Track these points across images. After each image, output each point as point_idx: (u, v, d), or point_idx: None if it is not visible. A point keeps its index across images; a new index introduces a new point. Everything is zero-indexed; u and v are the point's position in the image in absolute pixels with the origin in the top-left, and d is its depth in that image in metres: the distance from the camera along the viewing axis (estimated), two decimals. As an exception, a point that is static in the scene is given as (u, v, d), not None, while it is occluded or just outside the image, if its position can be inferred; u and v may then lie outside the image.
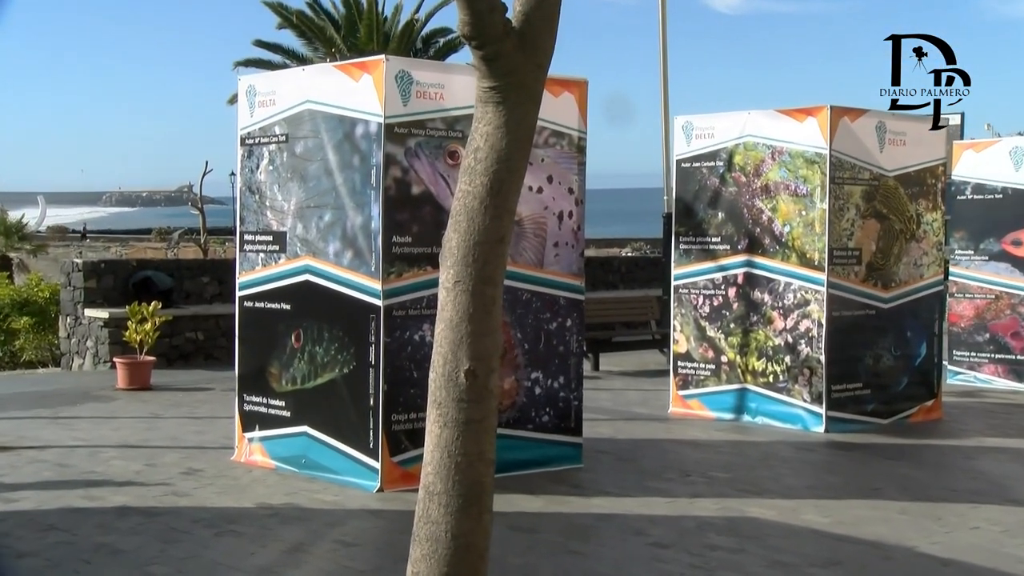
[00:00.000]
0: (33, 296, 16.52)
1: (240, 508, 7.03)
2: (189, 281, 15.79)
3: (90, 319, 14.57)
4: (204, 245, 28.88)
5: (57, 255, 33.25)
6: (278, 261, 8.21)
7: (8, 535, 6.34)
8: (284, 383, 8.13)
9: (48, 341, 15.99)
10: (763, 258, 10.47)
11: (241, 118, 8.56)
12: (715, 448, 9.44)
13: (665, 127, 16.44)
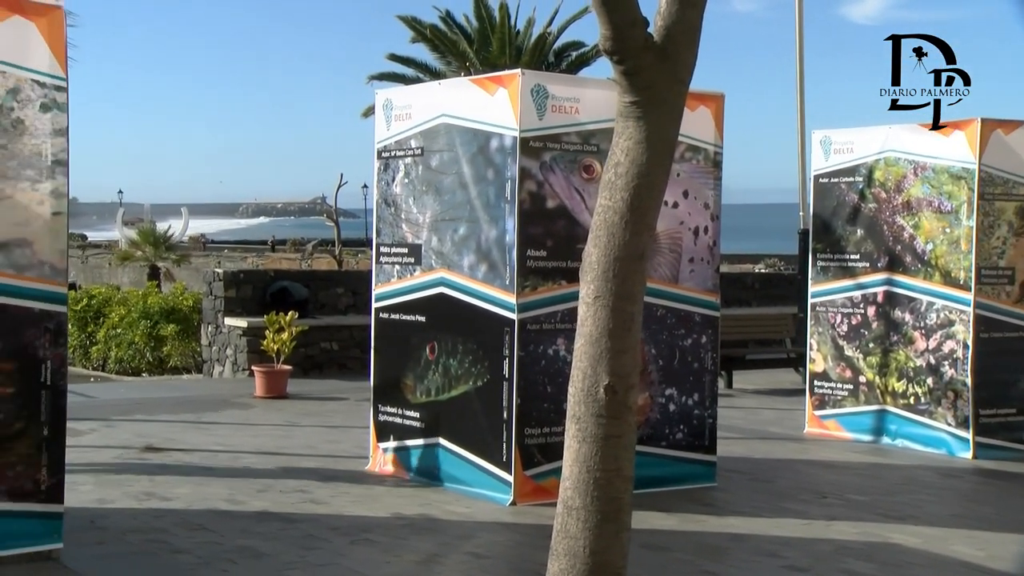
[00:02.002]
0: (178, 304, 17.07)
1: (374, 517, 7.13)
2: (323, 292, 16.10)
3: (230, 328, 14.98)
4: (338, 257, 29.44)
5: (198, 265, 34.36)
6: (413, 273, 8.31)
7: (165, 531, 6.58)
8: (418, 394, 8.23)
9: (191, 348, 16.51)
10: (904, 276, 10.19)
11: (378, 131, 8.70)
12: (853, 470, 9.21)
13: (801, 142, 16.17)
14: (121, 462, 8.59)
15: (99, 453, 8.85)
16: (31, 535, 5.88)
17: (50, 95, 5.92)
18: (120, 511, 7.06)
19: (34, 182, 5.90)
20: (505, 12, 31.33)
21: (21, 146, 5.85)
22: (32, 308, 5.91)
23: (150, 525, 6.72)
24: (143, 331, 16.88)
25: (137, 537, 6.46)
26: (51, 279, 5.98)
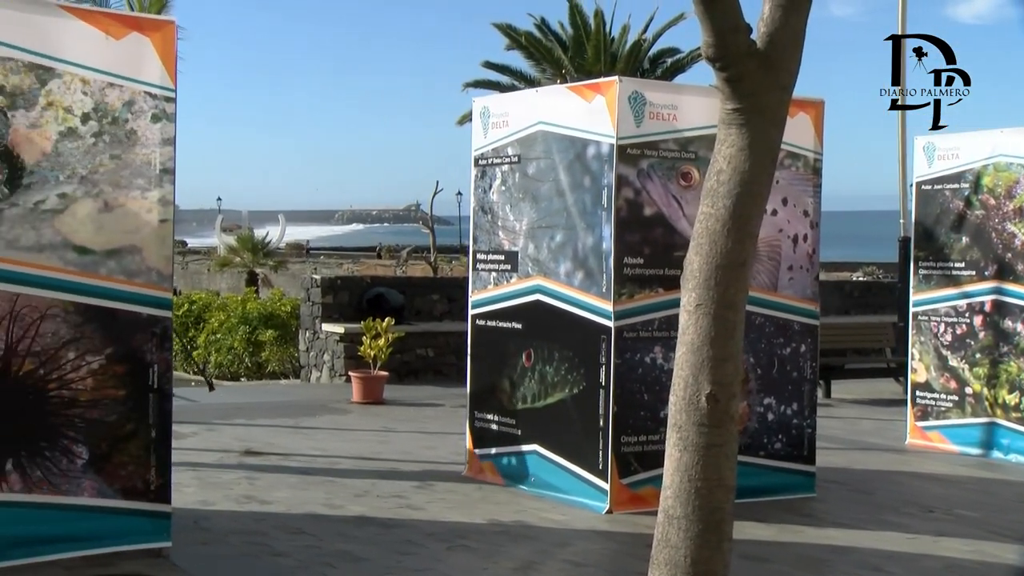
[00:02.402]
0: (277, 310, 17.35)
1: (471, 524, 7.16)
2: (419, 298, 16.24)
3: (327, 333, 15.20)
4: (434, 263, 29.67)
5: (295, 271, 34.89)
6: (510, 280, 8.34)
7: (265, 535, 6.69)
8: (515, 401, 8.25)
9: (289, 354, 16.76)
10: (1015, 285, 9.92)
11: (475, 139, 8.75)
12: (960, 484, 8.99)
13: (902, 148, 15.84)
14: (222, 465, 8.77)
15: (201, 456, 9.03)
16: (141, 533, 6.04)
17: (160, 106, 6.09)
18: (222, 513, 7.20)
19: (143, 190, 6.06)
20: (600, 19, 31.31)
21: (133, 156, 6.02)
22: (140, 313, 6.08)
23: (251, 527, 6.85)
24: (242, 336, 17.19)
25: (239, 539, 6.59)
26: (158, 285, 6.14)
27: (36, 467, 5.78)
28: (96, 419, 5.95)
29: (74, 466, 5.88)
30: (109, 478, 5.95)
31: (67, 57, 5.82)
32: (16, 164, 5.72)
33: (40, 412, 5.83)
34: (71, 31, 5.86)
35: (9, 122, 5.70)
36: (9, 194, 5.71)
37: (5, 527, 5.67)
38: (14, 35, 5.69)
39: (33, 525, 5.75)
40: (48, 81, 5.78)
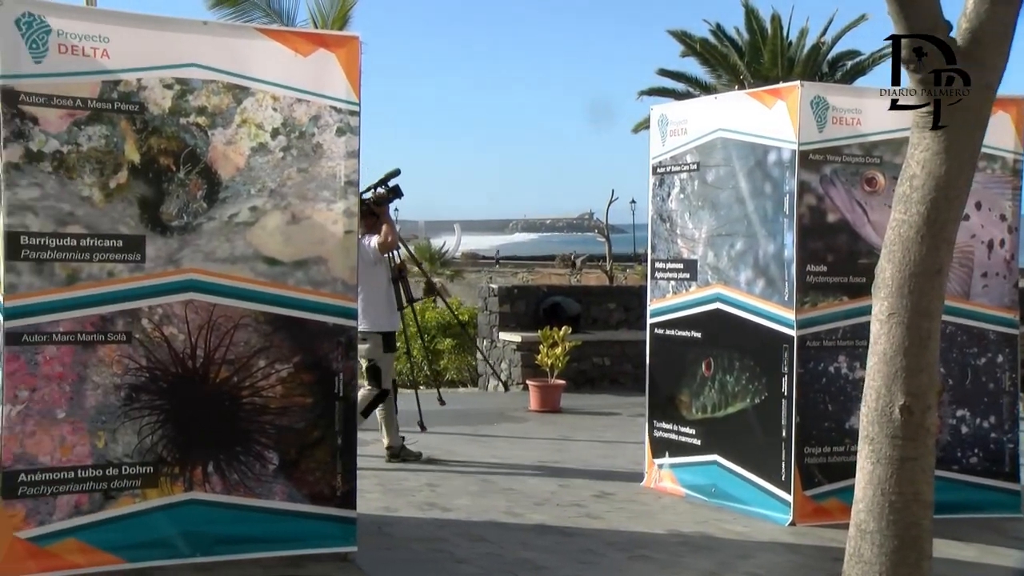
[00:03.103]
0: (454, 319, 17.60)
1: (651, 534, 7.10)
2: (595, 307, 16.24)
3: (504, 342, 15.34)
4: (609, 272, 29.66)
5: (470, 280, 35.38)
6: (689, 289, 8.25)
7: (447, 541, 6.79)
8: (694, 411, 8.15)
9: (467, 362, 17.00)
10: None
11: (653, 147, 8.70)
12: None
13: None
14: (403, 472, 8.94)
15: (382, 463, 9.23)
16: (329, 537, 6.21)
17: (345, 120, 6.25)
18: (404, 519, 7.34)
19: (329, 202, 6.24)
20: (777, 24, 30.71)
21: (319, 169, 6.20)
22: (327, 322, 6.25)
23: (433, 534, 6.95)
24: (421, 345, 17.49)
25: (422, 545, 6.70)
26: (343, 295, 6.30)
27: (233, 470, 6.01)
28: (285, 426, 6.15)
29: (266, 471, 6.09)
30: (298, 483, 6.15)
31: (260, 76, 6.05)
32: (214, 180, 5.98)
33: (235, 418, 6.07)
34: (263, 51, 6.09)
35: (209, 140, 5.96)
36: (207, 208, 5.96)
37: (209, 525, 5.93)
38: (216, 59, 5.95)
39: (232, 525, 5.99)
40: (243, 100, 6.02)
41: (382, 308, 9.27)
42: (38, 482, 5.58)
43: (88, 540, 5.68)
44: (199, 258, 5.95)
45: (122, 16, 5.89)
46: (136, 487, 5.82)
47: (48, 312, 5.63)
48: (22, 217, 5.55)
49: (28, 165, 5.56)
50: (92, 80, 5.69)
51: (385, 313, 9.31)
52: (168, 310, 5.89)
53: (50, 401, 5.63)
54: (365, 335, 8.79)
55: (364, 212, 9.03)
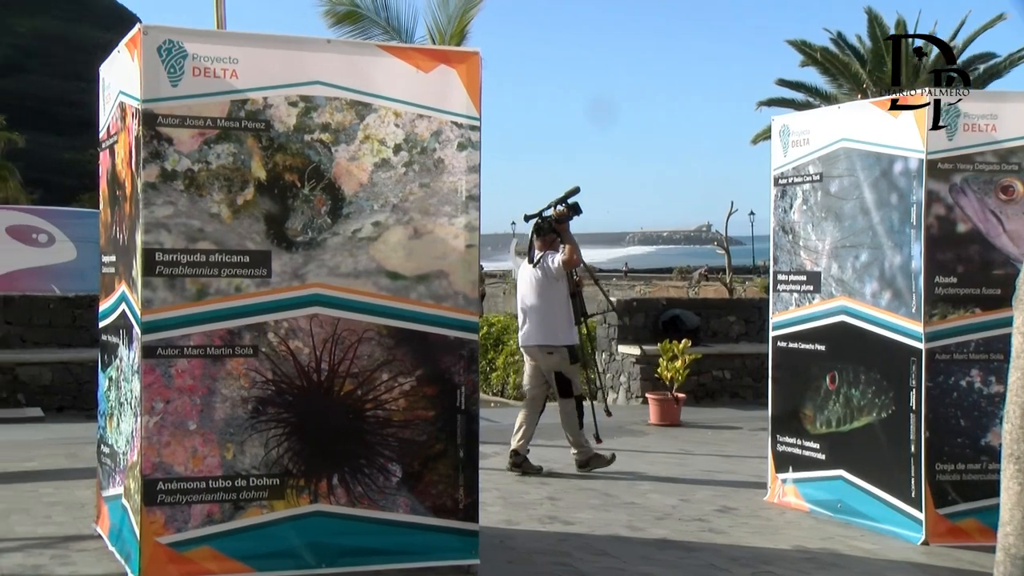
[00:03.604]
0: (573, 332, 17.60)
1: (776, 550, 6.98)
2: (715, 320, 16.04)
3: (623, 355, 15.26)
4: (729, 284, 29.30)
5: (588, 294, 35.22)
6: (812, 301, 8.10)
7: (569, 555, 6.77)
8: (819, 425, 8.00)
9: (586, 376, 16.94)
10: None
11: (774, 158, 8.58)
12: None
13: None
14: (525, 485, 8.95)
15: (503, 476, 9.26)
16: (451, 550, 6.25)
17: (466, 135, 6.31)
18: (526, 532, 7.35)
19: (451, 217, 6.30)
20: (902, 29, 30.05)
21: (441, 184, 6.27)
22: (448, 336, 6.30)
23: (555, 548, 6.94)
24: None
25: (544, 559, 6.69)
26: (464, 308, 6.34)
27: (357, 483, 6.10)
28: (408, 439, 6.21)
29: (389, 483, 6.17)
30: (421, 496, 6.20)
31: (382, 92, 6.15)
32: (338, 195, 6.09)
33: (358, 431, 6.15)
34: (386, 68, 6.19)
35: (333, 156, 6.07)
36: (331, 224, 6.07)
37: (334, 536, 6.03)
38: (339, 76, 6.07)
39: (357, 537, 6.08)
40: (366, 116, 6.12)
41: (564, 322, 9.56)
42: (174, 491, 5.76)
43: (220, 548, 5.83)
44: (323, 273, 6.06)
45: (250, 37, 6.06)
46: (263, 498, 5.95)
47: (180, 326, 5.80)
48: (157, 234, 5.74)
49: (163, 184, 5.74)
50: (222, 100, 5.86)
51: (566, 327, 9.59)
52: (293, 324, 6.01)
53: (183, 413, 5.79)
54: (552, 348, 9.39)
55: (546, 230, 9.31)
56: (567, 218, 9.56)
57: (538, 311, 9.55)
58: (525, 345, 9.76)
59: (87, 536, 6.79)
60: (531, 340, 9.62)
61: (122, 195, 6.23)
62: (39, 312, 13.95)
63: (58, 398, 12.97)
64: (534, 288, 9.59)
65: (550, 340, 9.46)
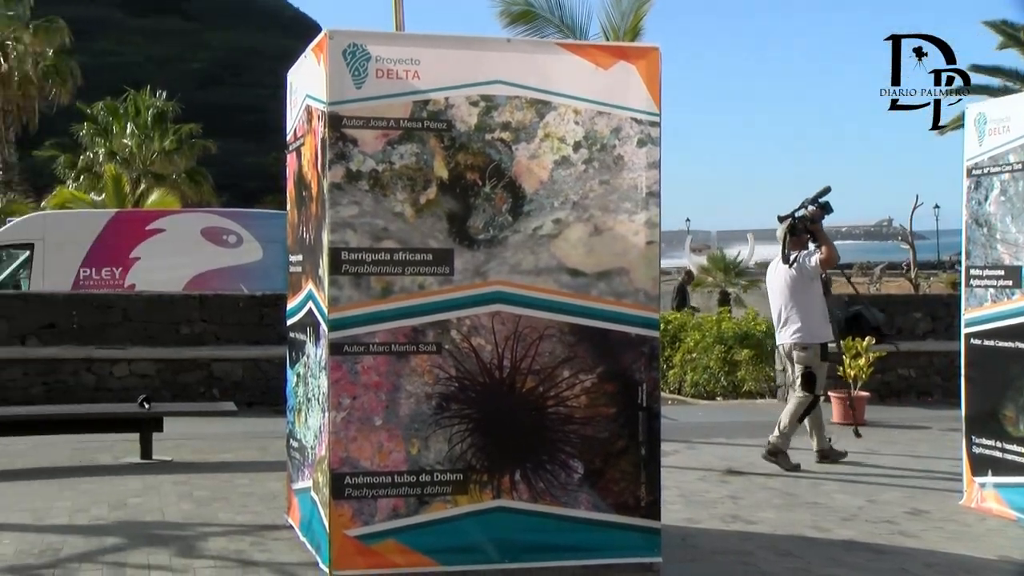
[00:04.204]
0: (751, 330, 17.26)
1: (976, 558, 6.67)
2: (900, 316, 15.49)
3: (804, 353, 14.87)
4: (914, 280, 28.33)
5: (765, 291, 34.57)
6: (1012, 297, 7.72)
7: (752, 555, 6.66)
8: (1021, 427, 7.61)
9: (765, 373, 16.61)
10: None
11: (968, 148, 8.21)
12: None
13: None
14: (705, 484, 8.83)
15: (683, 474, 9.16)
16: (633, 547, 6.21)
17: (645, 131, 6.26)
18: (707, 531, 7.24)
19: (631, 214, 6.25)
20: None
21: (620, 180, 6.23)
22: (629, 333, 6.26)
23: (738, 547, 6.82)
24: (718, 356, 17.25)
25: (727, 558, 6.58)
26: (645, 305, 6.29)
27: (539, 479, 6.12)
28: (590, 435, 6.20)
29: (571, 480, 6.16)
30: (603, 493, 6.18)
31: (562, 90, 6.15)
32: (518, 193, 6.12)
33: (540, 427, 6.17)
34: (565, 65, 6.19)
35: (513, 155, 6.11)
36: (512, 221, 6.11)
37: (517, 532, 6.07)
38: (519, 75, 6.10)
39: (539, 532, 6.10)
40: (546, 114, 6.13)
41: (819, 320, 9.78)
42: (361, 485, 5.89)
43: (406, 542, 5.93)
44: (505, 270, 6.10)
45: (431, 38, 6.15)
46: (447, 493, 6.02)
47: (365, 324, 5.93)
48: (343, 233, 5.87)
49: (348, 184, 5.88)
50: (404, 101, 5.96)
51: (821, 325, 9.78)
52: (476, 321, 6.06)
53: (368, 409, 5.92)
54: (806, 345, 9.61)
55: (800, 230, 9.33)
56: (820, 218, 9.64)
57: (794, 310, 9.70)
58: (783, 343, 9.90)
59: (280, 526, 7.03)
60: (789, 338, 9.75)
61: (308, 196, 6.40)
62: (230, 310, 14.49)
63: (248, 393, 13.44)
64: (790, 288, 9.73)
65: (806, 338, 9.65)
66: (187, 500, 7.84)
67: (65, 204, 30.39)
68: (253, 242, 18.23)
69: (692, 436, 11.26)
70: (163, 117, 39.70)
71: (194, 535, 6.85)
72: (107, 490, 8.10)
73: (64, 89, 41.24)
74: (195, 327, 14.30)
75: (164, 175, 38.15)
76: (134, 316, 14.12)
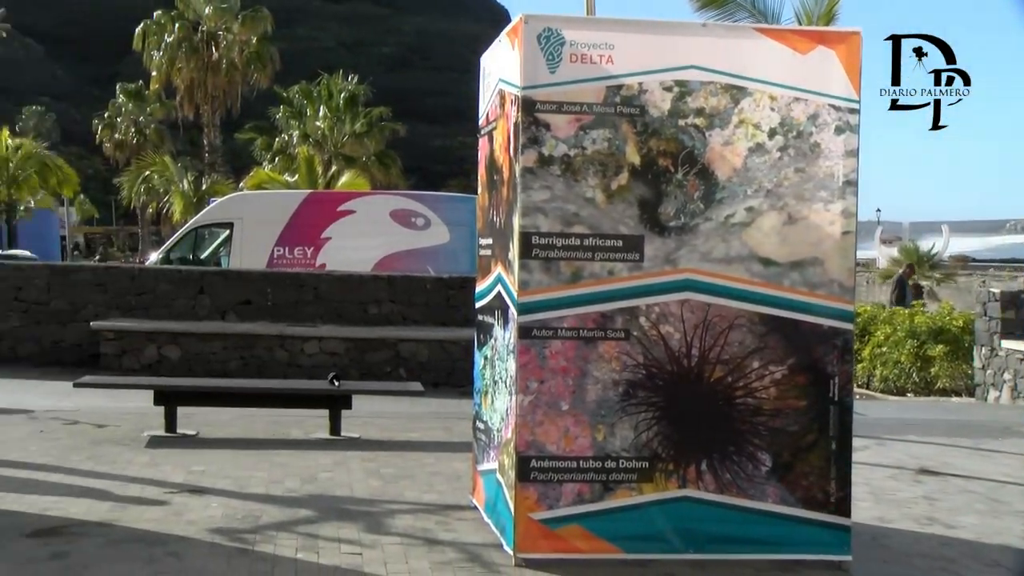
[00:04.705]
0: (947, 325, 16.63)
1: None
2: None
3: (1008, 351, 14.22)
4: None
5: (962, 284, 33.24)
6: None
7: (955, 562, 6.41)
8: None
9: (961, 370, 15.98)
10: None
11: None
12: None
13: None
14: (896, 482, 8.53)
15: (873, 471, 8.87)
16: (821, 543, 6.07)
17: (843, 118, 6.08)
18: (901, 532, 7.00)
19: (826, 203, 6.08)
20: None
21: (816, 169, 6.07)
22: (822, 325, 6.10)
23: (936, 552, 6.56)
24: (909, 351, 16.69)
25: (924, 562, 6.35)
26: (840, 297, 6.12)
27: (726, 470, 6.03)
28: (778, 428, 6.07)
29: (759, 472, 6.05)
30: (791, 487, 6.05)
31: (757, 76, 6.03)
32: (711, 180, 6.03)
33: (728, 418, 6.07)
34: (762, 51, 6.06)
35: (707, 141, 6.02)
36: (704, 209, 6.02)
37: (702, 523, 6.01)
38: (714, 60, 6.01)
39: (725, 524, 6.02)
40: (740, 100, 6.02)
41: None
42: (546, 469, 5.92)
43: (590, 528, 5.94)
44: (695, 258, 6.02)
45: (626, 23, 6.10)
46: (632, 481, 6.00)
47: (554, 308, 5.94)
48: (534, 218, 5.90)
49: (540, 169, 5.90)
50: (597, 86, 5.94)
51: None
52: (665, 309, 6.01)
53: (555, 393, 5.94)
54: None
55: None
56: None
57: None
58: None
59: (464, 506, 7.14)
60: None
61: (500, 180, 6.46)
62: (417, 292, 14.82)
63: (433, 374, 13.71)
64: None
65: None
66: (375, 477, 8.04)
67: (261, 185, 31.63)
68: (440, 225, 18.55)
69: (882, 432, 10.90)
70: (354, 100, 40.80)
71: (381, 512, 7.02)
72: (299, 464, 8.39)
73: (264, 74, 42.97)
74: (383, 307, 14.67)
75: (354, 157, 39.21)
76: (325, 295, 14.60)
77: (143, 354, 13.73)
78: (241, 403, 10.21)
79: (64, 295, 14.37)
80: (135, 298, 14.42)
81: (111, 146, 54.07)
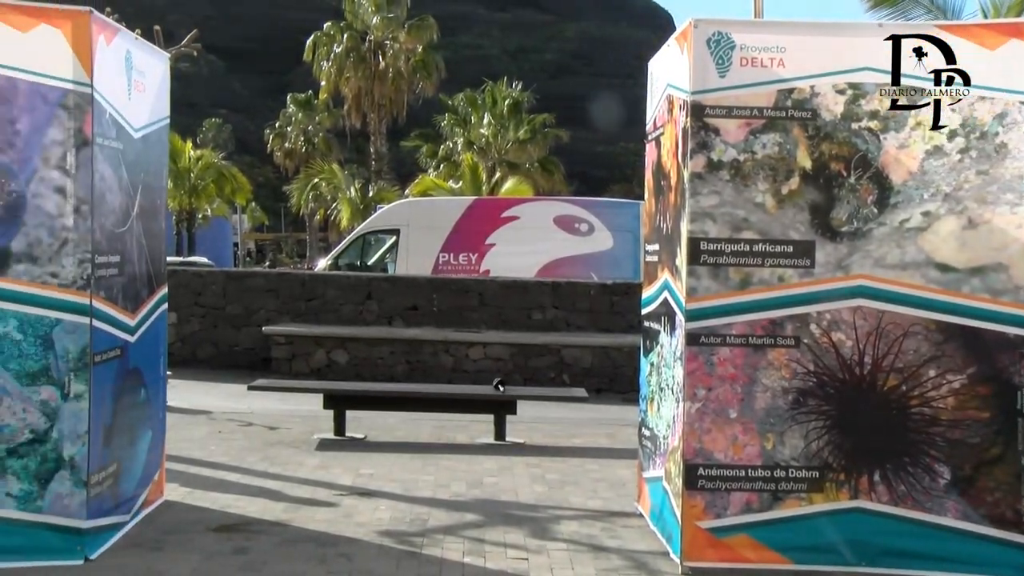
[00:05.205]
0: None
1: None
2: None
3: None
4: None
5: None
6: None
7: None
8: None
9: None
10: None
11: None
12: None
13: None
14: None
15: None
16: (1009, 565, 5.78)
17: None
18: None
19: (1013, 205, 5.84)
20: None
21: (1002, 170, 5.84)
22: (1007, 333, 5.85)
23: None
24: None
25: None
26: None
27: (901, 482, 5.85)
28: (958, 440, 5.86)
29: (936, 485, 5.85)
30: (974, 502, 5.82)
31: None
32: (885, 184, 5.87)
33: (902, 428, 5.89)
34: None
35: (881, 145, 5.86)
36: (878, 214, 5.86)
37: (875, 535, 5.84)
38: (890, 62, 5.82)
39: (900, 538, 5.84)
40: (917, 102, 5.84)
41: None
42: (714, 477, 5.85)
43: (758, 537, 5.85)
44: (868, 264, 5.87)
45: (796, 25, 6.00)
46: (802, 490, 5.88)
47: (723, 315, 5.88)
48: (702, 223, 5.85)
49: (709, 174, 5.85)
50: (768, 90, 5.85)
51: None
52: (836, 316, 5.87)
53: (723, 401, 5.87)
54: None
55: None
56: None
57: None
58: None
59: (630, 513, 7.12)
60: None
61: (667, 185, 6.42)
62: (580, 298, 14.85)
63: (596, 380, 13.71)
64: None
65: None
66: (539, 483, 8.08)
67: (426, 191, 32.20)
68: (604, 231, 18.55)
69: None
70: (518, 107, 41.16)
71: (546, 517, 7.05)
72: (465, 468, 8.50)
73: (429, 82, 43.74)
74: (547, 313, 14.75)
75: (518, 164, 39.56)
76: (489, 301, 14.76)
77: (312, 358, 14.15)
78: (408, 407, 10.41)
79: (239, 300, 14.93)
80: (305, 303, 14.88)
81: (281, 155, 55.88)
